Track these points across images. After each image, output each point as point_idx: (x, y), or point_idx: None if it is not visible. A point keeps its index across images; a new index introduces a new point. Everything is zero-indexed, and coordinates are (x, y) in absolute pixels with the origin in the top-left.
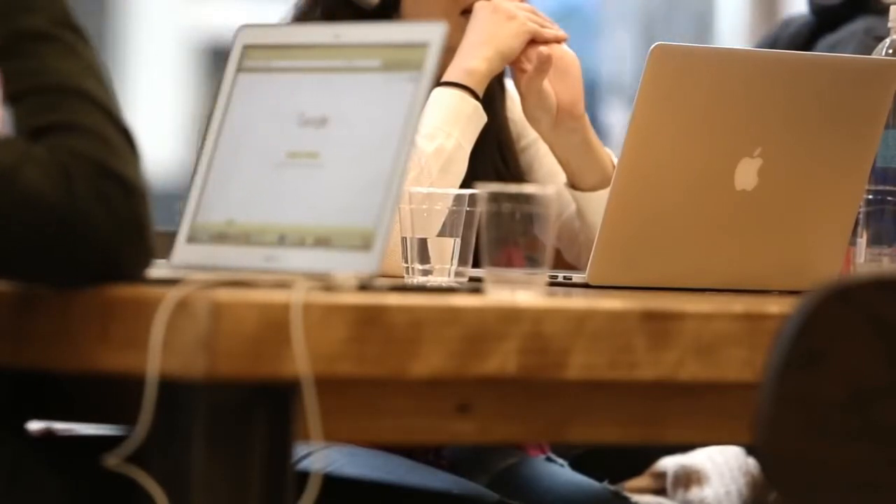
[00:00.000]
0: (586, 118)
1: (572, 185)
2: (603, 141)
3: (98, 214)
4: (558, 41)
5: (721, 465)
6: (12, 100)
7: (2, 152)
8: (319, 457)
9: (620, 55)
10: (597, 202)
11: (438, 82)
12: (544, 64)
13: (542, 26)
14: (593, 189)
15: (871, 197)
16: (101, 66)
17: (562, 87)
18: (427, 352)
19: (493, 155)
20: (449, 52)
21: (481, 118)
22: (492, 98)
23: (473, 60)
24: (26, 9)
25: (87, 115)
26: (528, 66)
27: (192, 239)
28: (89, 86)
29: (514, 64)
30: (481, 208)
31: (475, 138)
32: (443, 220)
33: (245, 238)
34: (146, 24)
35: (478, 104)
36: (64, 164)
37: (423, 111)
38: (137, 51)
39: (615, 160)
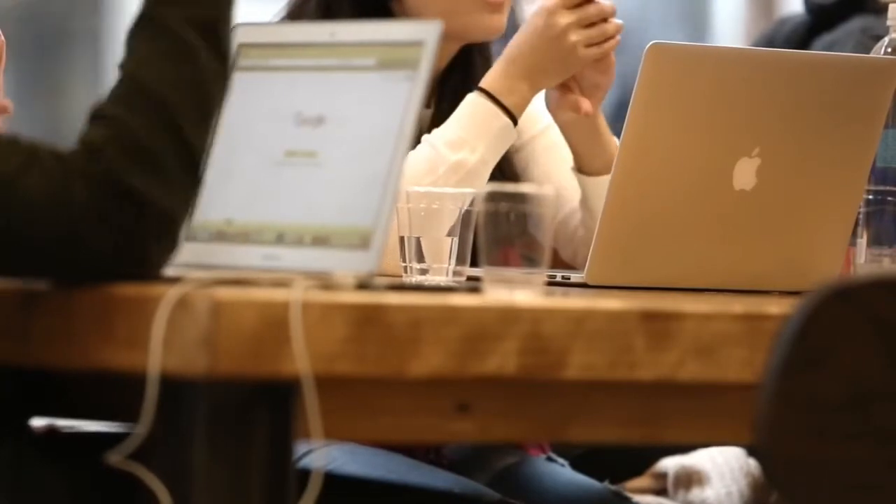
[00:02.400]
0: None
1: (579, 168)
2: None
3: (96, 233)
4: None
5: (722, 465)
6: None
7: (5, 156)
8: (320, 455)
9: None
10: (601, 187)
11: (477, 87)
12: (583, 112)
13: (589, 39)
14: (598, 174)
15: (871, 197)
16: (212, 82)
17: (589, 97)
18: (426, 351)
19: None
20: (453, 40)
21: (511, 136)
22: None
23: (523, 84)
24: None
25: (141, 122)
26: (576, 90)
27: (190, 238)
28: (174, 96)
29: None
30: (479, 208)
31: (500, 155)
32: (452, 221)
33: (244, 237)
34: None
35: (510, 122)
36: (70, 173)
37: (453, 115)
38: None
39: None
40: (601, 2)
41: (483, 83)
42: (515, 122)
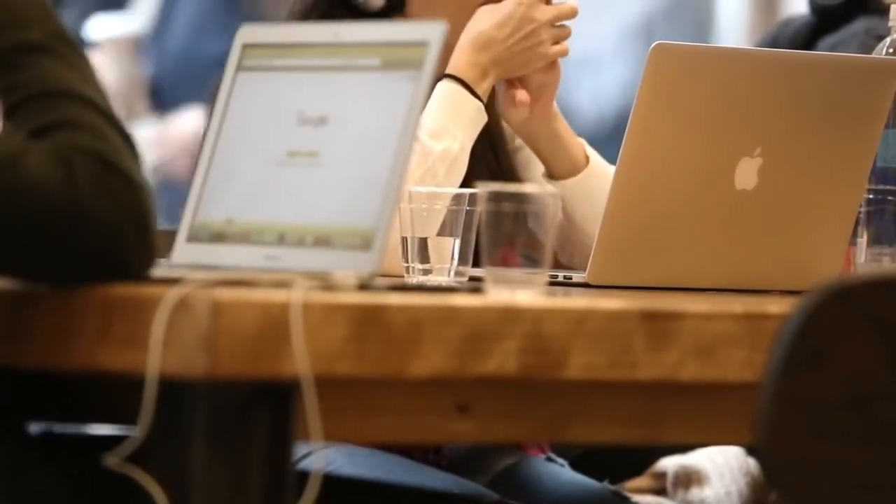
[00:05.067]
0: (553, 110)
1: (549, 174)
2: None
3: (101, 204)
4: (565, 54)
5: (721, 465)
6: (12, 110)
7: (2, 143)
8: (319, 456)
9: None
10: (569, 191)
11: (447, 74)
12: (518, 101)
13: (557, 37)
14: (565, 177)
15: (871, 197)
16: (97, 77)
17: (538, 97)
18: (427, 351)
19: (487, 153)
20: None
21: (483, 120)
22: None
23: (492, 71)
24: (21, 24)
25: (86, 116)
26: (519, 88)
27: (191, 238)
28: (88, 92)
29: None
30: (481, 208)
31: (475, 138)
32: (441, 219)
33: (245, 237)
34: None
35: (481, 106)
36: (66, 156)
37: (427, 105)
38: None
39: (588, 150)
40: (572, 2)
41: (454, 69)
42: (484, 105)
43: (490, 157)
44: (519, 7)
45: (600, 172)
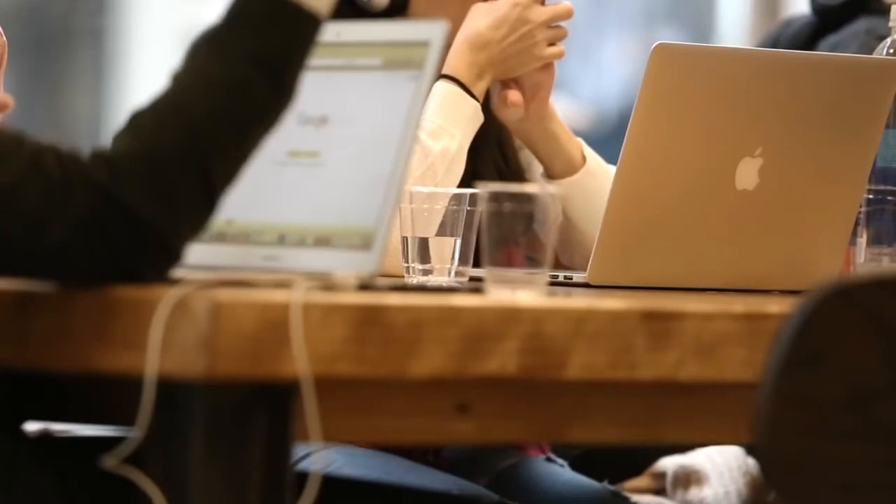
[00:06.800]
0: (550, 110)
1: (546, 174)
2: None
3: (91, 245)
4: (560, 56)
5: (721, 465)
6: None
7: (7, 161)
8: (318, 457)
9: None
10: (567, 191)
11: (444, 74)
12: (510, 102)
13: (553, 38)
14: (560, 177)
15: (871, 197)
16: (257, 121)
17: (532, 97)
18: (427, 352)
19: (494, 152)
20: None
21: (479, 120)
22: (490, 97)
23: (488, 72)
24: None
25: (169, 146)
26: (513, 87)
27: None
28: (211, 130)
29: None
30: (482, 208)
31: (471, 139)
32: (440, 219)
33: (245, 238)
34: (145, 21)
35: (478, 105)
36: (72, 182)
37: (425, 105)
38: (137, 49)
39: (586, 149)
40: (567, 3)
41: (451, 70)
42: (481, 105)
43: (498, 156)
44: (514, 8)
45: (598, 172)
